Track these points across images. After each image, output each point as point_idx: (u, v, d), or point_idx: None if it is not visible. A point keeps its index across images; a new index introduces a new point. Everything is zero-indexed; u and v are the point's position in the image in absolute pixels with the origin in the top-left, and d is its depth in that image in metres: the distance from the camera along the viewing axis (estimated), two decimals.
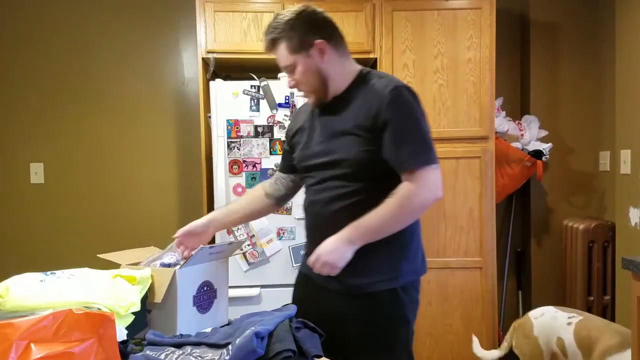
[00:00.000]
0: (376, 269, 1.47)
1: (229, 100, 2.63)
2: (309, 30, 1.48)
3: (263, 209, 1.74)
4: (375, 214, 1.40)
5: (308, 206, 1.58)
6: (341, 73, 1.53)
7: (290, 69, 1.51)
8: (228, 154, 2.63)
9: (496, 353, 2.44)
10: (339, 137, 1.48)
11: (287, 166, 1.74)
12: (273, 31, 1.49)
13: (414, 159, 1.41)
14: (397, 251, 1.49)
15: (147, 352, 1.06)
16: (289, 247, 2.61)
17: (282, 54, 1.49)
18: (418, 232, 1.56)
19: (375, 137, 1.43)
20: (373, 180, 1.46)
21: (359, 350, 1.51)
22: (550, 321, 2.28)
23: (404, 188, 1.41)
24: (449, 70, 2.76)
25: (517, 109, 3.42)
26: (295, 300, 1.68)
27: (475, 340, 2.54)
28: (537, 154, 3.09)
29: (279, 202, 1.76)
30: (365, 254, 1.45)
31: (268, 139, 2.63)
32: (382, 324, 1.50)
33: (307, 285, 1.62)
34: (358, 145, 1.44)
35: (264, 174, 2.61)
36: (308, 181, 1.60)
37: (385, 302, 1.49)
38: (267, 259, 2.63)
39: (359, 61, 2.91)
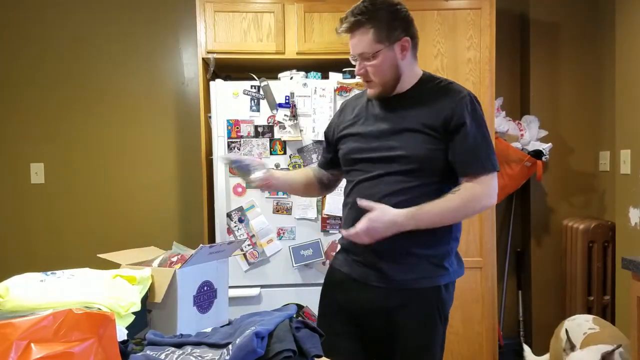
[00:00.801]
0: (422, 267, 1.50)
1: (229, 100, 2.63)
2: (398, 24, 1.49)
3: (309, 186, 1.78)
4: (437, 207, 1.44)
5: (356, 200, 1.54)
6: (411, 72, 1.55)
7: (367, 57, 1.49)
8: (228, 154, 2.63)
9: (547, 357, 2.47)
10: (403, 134, 1.50)
11: (325, 162, 1.78)
12: (362, 13, 1.46)
13: (482, 164, 1.48)
14: (443, 252, 1.54)
15: (147, 352, 1.06)
16: (289, 247, 2.61)
17: (365, 40, 1.47)
18: (459, 236, 1.60)
19: (442, 138, 1.47)
20: (432, 178, 1.49)
21: (402, 342, 1.54)
22: (576, 327, 2.32)
23: (471, 190, 1.47)
24: (448, 70, 2.76)
25: (517, 109, 3.42)
26: (327, 296, 1.68)
27: (527, 349, 2.55)
28: (537, 154, 3.09)
29: (321, 189, 1.80)
30: (412, 252, 1.50)
31: (268, 139, 2.63)
32: (424, 319, 1.53)
33: (344, 281, 1.62)
34: (424, 143, 1.47)
35: None
36: (356, 175, 1.58)
37: (429, 298, 1.53)
38: (267, 259, 2.63)
39: None
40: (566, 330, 2.23)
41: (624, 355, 2.01)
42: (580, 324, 2.33)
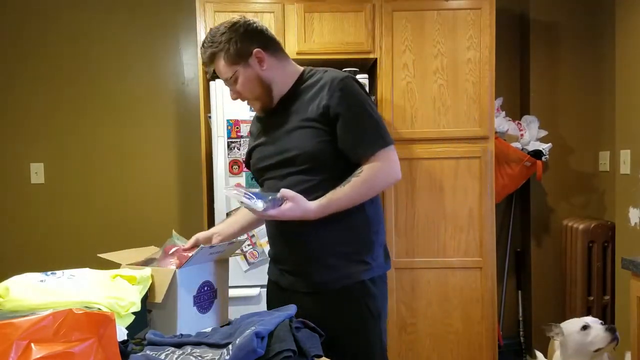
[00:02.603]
0: (343, 266, 1.49)
1: (229, 100, 2.62)
2: (246, 41, 1.51)
3: (258, 221, 1.74)
4: (344, 195, 1.42)
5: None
6: (283, 75, 1.56)
7: (232, 81, 1.53)
8: (228, 154, 2.63)
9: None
10: (291, 133, 1.50)
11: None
12: (211, 46, 1.51)
13: (374, 143, 1.45)
14: (363, 247, 1.52)
15: (147, 352, 1.06)
16: None
17: (222, 67, 1.52)
18: (382, 230, 1.59)
19: (328, 128, 1.46)
20: (332, 171, 1.47)
21: (340, 347, 1.45)
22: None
23: (371, 169, 1.44)
24: (448, 70, 2.76)
25: (517, 109, 3.42)
26: (269, 308, 1.65)
27: (539, 355, 2.55)
28: (537, 154, 3.10)
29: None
30: (333, 251, 1.49)
31: None
32: (354, 318, 1.50)
33: (277, 291, 1.63)
34: (312, 137, 1.47)
35: None
36: (266, 183, 1.60)
37: (356, 297, 1.50)
38: (267, 259, 2.62)
39: (359, 61, 2.93)
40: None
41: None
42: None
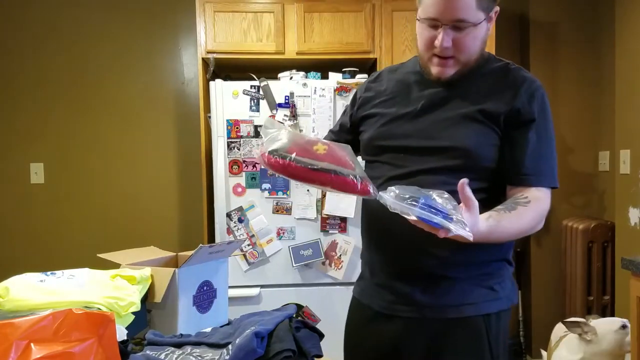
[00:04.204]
0: (464, 290, 1.20)
1: (229, 100, 2.63)
2: None
3: None
4: (513, 223, 1.12)
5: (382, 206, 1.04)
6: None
7: (464, 26, 1.14)
8: (228, 154, 2.63)
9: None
10: (453, 120, 1.19)
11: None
12: None
13: (549, 177, 1.22)
14: (493, 271, 1.24)
15: (147, 351, 1.06)
16: (289, 247, 2.61)
17: (467, 4, 1.12)
18: (512, 260, 1.31)
19: (501, 133, 1.18)
20: (480, 182, 1.17)
21: None
22: (557, 329, 2.41)
23: (537, 201, 1.16)
24: None
25: None
26: (351, 337, 1.38)
27: (545, 355, 2.55)
28: None
29: None
30: (457, 268, 1.20)
31: None
32: (470, 358, 1.21)
33: (366, 316, 1.32)
34: (478, 134, 1.17)
35: (264, 174, 2.61)
36: (383, 170, 1.25)
37: (476, 331, 1.20)
38: (267, 259, 2.63)
39: (359, 61, 2.93)
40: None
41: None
42: (560, 327, 2.37)
